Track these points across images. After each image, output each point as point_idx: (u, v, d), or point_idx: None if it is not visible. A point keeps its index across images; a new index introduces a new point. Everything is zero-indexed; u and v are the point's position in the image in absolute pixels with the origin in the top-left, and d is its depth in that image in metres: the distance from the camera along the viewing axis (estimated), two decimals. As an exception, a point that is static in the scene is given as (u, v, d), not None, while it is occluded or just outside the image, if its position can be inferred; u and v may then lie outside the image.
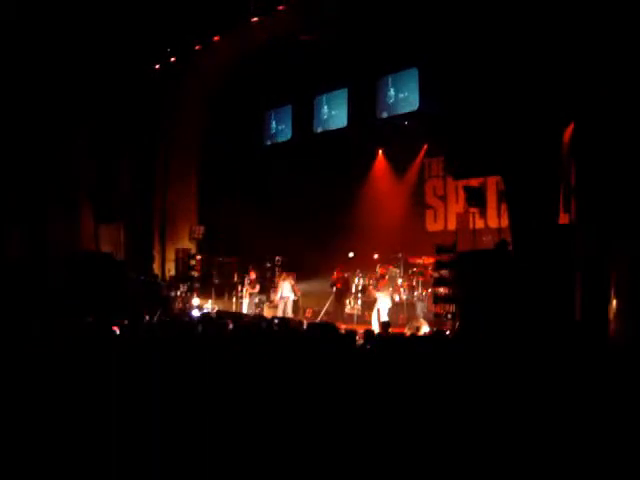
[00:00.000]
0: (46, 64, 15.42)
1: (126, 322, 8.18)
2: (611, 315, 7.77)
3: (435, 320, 12.67)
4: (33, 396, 4.10)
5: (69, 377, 4.39)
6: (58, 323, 6.11)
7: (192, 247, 19.11)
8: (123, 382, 4.23)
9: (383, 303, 13.60)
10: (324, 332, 6.28)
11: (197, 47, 17.27)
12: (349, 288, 15.74)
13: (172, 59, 17.83)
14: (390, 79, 16.12)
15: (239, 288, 17.49)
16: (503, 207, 12.94)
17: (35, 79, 15.29)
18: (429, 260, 14.25)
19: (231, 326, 8.35)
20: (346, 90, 17.16)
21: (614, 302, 7.78)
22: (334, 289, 15.39)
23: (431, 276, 13.88)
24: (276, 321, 9.24)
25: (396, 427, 3.87)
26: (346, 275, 15.73)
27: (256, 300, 16.77)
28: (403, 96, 15.86)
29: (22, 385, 4.27)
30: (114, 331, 7.19)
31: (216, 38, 16.84)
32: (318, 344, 5.78)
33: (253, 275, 16.81)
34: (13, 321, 7.33)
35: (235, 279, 18.05)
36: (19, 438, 3.74)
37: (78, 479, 3.55)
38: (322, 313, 15.39)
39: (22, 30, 14.72)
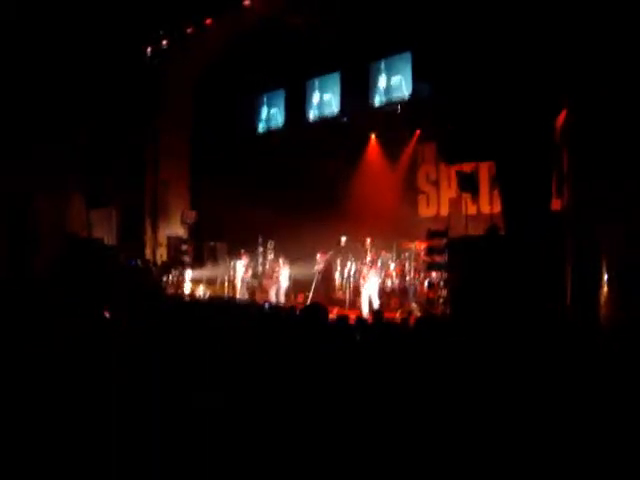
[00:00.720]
0: (27, 46, 15.20)
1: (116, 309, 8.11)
2: (602, 300, 7.79)
3: (427, 305, 12.70)
4: (31, 396, 4.06)
5: (67, 375, 4.33)
6: (58, 322, 6.03)
7: (184, 232, 19.06)
8: (122, 375, 4.17)
9: (373, 288, 13.61)
10: (315, 316, 6.19)
11: (189, 30, 17.15)
12: (332, 272, 15.63)
13: (164, 42, 17.70)
14: (383, 63, 16.04)
15: (231, 273, 17.46)
16: (495, 193, 12.94)
17: (13, 62, 15.05)
18: (421, 245, 14.23)
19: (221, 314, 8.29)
20: (338, 74, 17.06)
21: (605, 288, 7.79)
22: (318, 274, 15.35)
23: (423, 261, 13.89)
24: (267, 307, 9.19)
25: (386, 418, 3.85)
26: (330, 259, 15.62)
27: (248, 285, 16.73)
28: (396, 81, 15.79)
29: (20, 384, 4.22)
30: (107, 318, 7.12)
31: (208, 21, 16.71)
32: (308, 333, 5.72)
33: (245, 260, 16.77)
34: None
35: (227, 264, 18.02)
36: (19, 438, 3.71)
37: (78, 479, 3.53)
38: (309, 298, 15.31)
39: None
